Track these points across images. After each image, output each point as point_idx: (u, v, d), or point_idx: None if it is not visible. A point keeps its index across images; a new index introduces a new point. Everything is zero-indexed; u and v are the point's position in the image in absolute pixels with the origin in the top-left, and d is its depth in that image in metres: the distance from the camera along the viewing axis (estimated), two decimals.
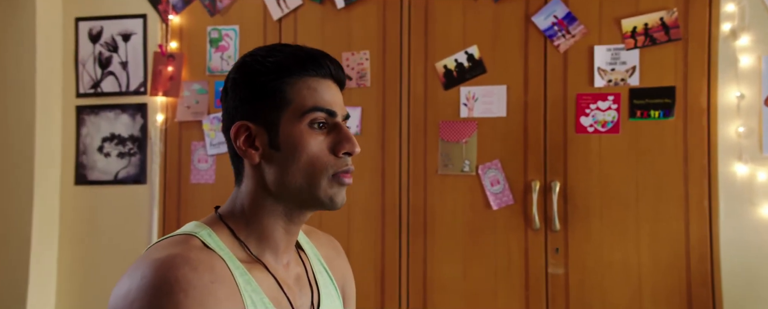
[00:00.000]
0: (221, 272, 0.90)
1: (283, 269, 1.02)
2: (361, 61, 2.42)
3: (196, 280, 0.85)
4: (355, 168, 2.27)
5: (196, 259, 0.88)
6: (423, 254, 2.32)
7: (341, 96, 1.03)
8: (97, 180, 2.63)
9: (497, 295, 2.26)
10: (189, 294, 0.83)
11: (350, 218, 2.39)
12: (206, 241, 0.94)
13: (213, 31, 2.56)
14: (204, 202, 2.51)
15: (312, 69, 0.98)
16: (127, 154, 2.60)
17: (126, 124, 2.62)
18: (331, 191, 0.97)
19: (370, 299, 2.35)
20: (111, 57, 2.66)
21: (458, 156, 2.31)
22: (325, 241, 1.20)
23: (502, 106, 2.30)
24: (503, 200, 2.27)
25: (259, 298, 0.94)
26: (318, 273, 1.11)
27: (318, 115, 0.97)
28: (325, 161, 0.96)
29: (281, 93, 0.97)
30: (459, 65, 2.34)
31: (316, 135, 0.97)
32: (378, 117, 2.39)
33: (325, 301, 1.08)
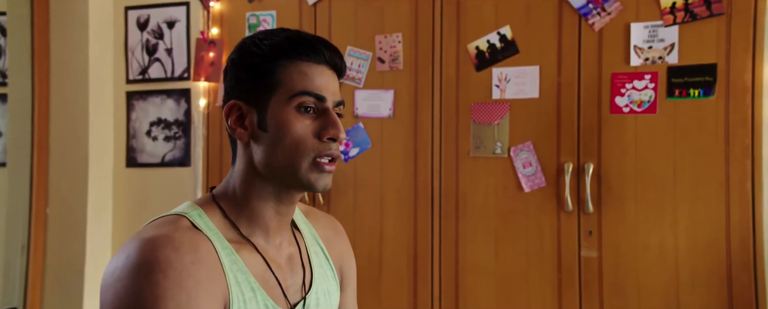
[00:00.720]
0: (205, 253, 0.92)
1: (274, 249, 1.05)
2: (393, 44, 2.42)
3: (177, 261, 0.88)
4: (389, 150, 2.30)
5: (180, 240, 0.91)
6: (455, 237, 2.33)
7: (336, 83, 1.05)
8: (145, 162, 2.75)
9: (529, 277, 2.25)
10: (168, 275, 0.86)
11: (383, 201, 2.42)
12: (195, 221, 0.97)
13: (251, 16, 2.62)
14: None
15: (306, 54, 1.00)
16: (173, 138, 2.71)
17: (171, 109, 2.72)
18: (312, 175, 0.99)
19: (403, 281, 2.38)
20: (157, 44, 2.76)
21: (490, 138, 2.30)
22: (325, 222, 1.22)
23: (534, 87, 2.26)
24: (535, 182, 2.25)
25: (244, 277, 0.97)
26: (314, 253, 1.13)
27: (306, 99, 0.99)
28: (308, 144, 0.98)
29: (273, 75, 0.99)
30: (491, 46, 2.32)
31: (303, 118, 0.99)
32: (410, 100, 2.40)
33: (319, 280, 1.11)
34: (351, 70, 2.46)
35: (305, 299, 1.07)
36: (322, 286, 1.12)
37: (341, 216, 2.45)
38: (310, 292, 1.08)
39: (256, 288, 0.98)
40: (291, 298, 1.04)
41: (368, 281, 2.42)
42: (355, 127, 2.46)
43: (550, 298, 2.22)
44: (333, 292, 1.14)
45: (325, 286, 1.13)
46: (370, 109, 2.44)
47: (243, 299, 0.95)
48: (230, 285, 0.94)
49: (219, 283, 0.93)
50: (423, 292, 2.36)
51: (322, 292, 1.11)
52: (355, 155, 2.46)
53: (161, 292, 0.85)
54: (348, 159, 2.46)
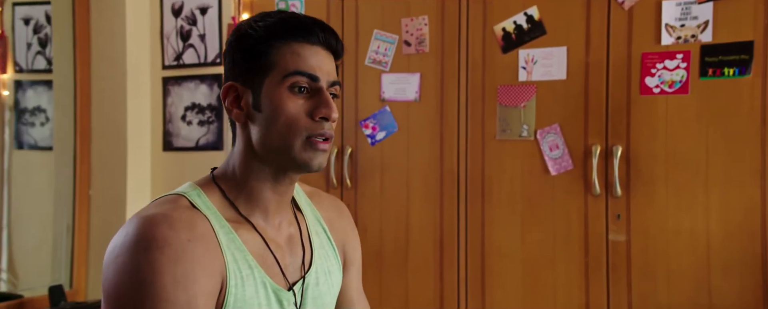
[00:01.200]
0: (202, 231, 0.95)
1: (273, 229, 1.07)
2: (419, 27, 2.41)
3: (173, 238, 0.91)
4: (414, 134, 2.29)
5: (177, 218, 0.94)
6: (481, 220, 2.32)
7: (332, 63, 1.05)
8: (181, 146, 2.83)
9: (556, 262, 2.22)
10: (164, 251, 0.89)
11: (409, 185, 2.42)
12: (194, 200, 1.00)
13: (281, 1, 2.64)
14: None
15: (299, 35, 1.01)
16: (207, 122, 2.77)
17: (204, 94, 2.78)
18: (306, 155, 1.00)
19: (429, 265, 2.39)
20: (191, 30, 2.82)
21: (516, 121, 2.27)
22: (328, 204, 1.23)
23: (562, 69, 2.22)
24: (562, 165, 2.21)
25: (241, 255, 0.99)
26: (316, 234, 1.15)
27: (299, 79, 1.00)
28: (301, 124, 0.99)
29: (267, 56, 1.00)
30: (518, 27, 2.28)
31: (296, 98, 1.00)
32: (436, 83, 2.39)
33: (319, 261, 1.13)
34: (377, 54, 2.47)
35: (304, 278, 1.08)
36: (323, 266, 1.13)
37: (368, 200, 2.48)
38: (310, 271, 1.10)
39: (253, 265, 1.00)
40: (290, 277, 1.06)
41: (395, 265, 2.44)
42: (381, 110, 2.46)
43: (577, 283, 2.19)
44: (334, 271, 1.16)
45: (327, 266, 1.14)
46: (397, 93, 2.44)
47: (240, 276, 0.98)
48: (227, 262, 0.97)
49: (216, 260, 0.95)
50: (449, 276, 2.36)
51: (322, 271, 1.12)
52: (382, 139, 2.46)
53: (158, 268, 0.88)
54: (374, 143, 2.47)
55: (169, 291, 0.88)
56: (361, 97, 2.50)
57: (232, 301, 0.96)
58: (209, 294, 0.93)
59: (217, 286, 0.95)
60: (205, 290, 0.92)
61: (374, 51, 2.47)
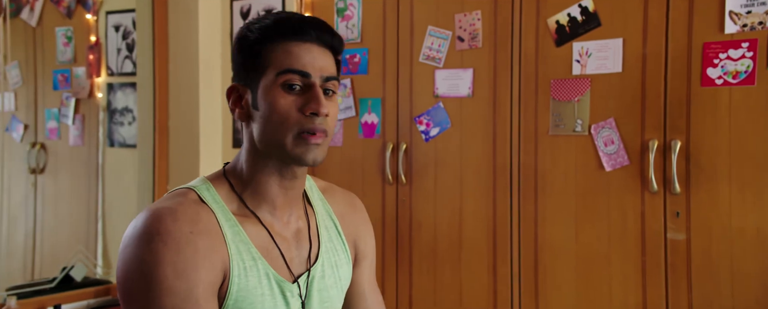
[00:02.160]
0: (206, 224, 1.01)
1: (281, 223, 1.11)
2: (472, 22, 2.39)
3: (176, 231, 0.97)
4: (467, 129, 2.28)
5: (182, 211, 1.00)
6: (534, 216, 2.28)
7: (326, 59, 1.08)
8: None
9: (611, 259, 2.16)
10: (167, 243, 0.96)
11: (462, 180, 2.42)
12: (202, 194, 1.06)
13: (339, 1, 2.70)
14: (334, 164, 2.70)
15: (292, 33, 1.05)
16: None
17: None
18: (299, 149, 1.04)
19: (483, 261, 2.38)
20: None
21: (570, 115, 2.21)
22: (341, 199, 1.27)
23: (617, 61, 2.14)
24: (618, 161, 2.14)
25: (245, 247, 1.04)
26: (325, 228, 1.19)
27: (291, 77, 1.03)
28: (292, 120, 1.03)
29: (262, 56, 1.05)
30: (572, 19, 2.22)
31: (288, 95, 1.04)
32: (489, 78, 2.37)
33: (327, 254, 1.16)
34: (431, 50, 2.47)
35: (310, 271, 1.12)
36: (331, 260, 1.17)
37: (422, 196, 2.49)
38: (316, 265, 1.13)
39: (257, 257, 1.05)
40: (295, 270, 1.11)
41: (449, 261, 2.44)
42: (435, 106, 2.47)
43: (634, 282, 2.11)
44: (343, 265, 1.19)
45: (334, 260, 1.18)
46: (450, 89, 2.44)
47: (243, 267, 1.03)
48: (231, 254, 1.02)
49: (219, 252, 1.01)
50: (502, 273, 2.34)
51: (329, 265, 1.16)
52: (436, 135, 2.47)
53: (160, 258, 0.95)
54: (429, 139, 2.48)
55: (170, 280, 0.94)
56: (416, 94, 2.51)
57: (235, 291, 1.01)
58: (210, 284, 0.98)
59: (219, 276, 1.00)
60: (206, 280, 0.97)
61: (428, 47, 2.48)
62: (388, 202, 2.57)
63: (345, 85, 2.66)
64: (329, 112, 1.06)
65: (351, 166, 2.66)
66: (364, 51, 2.63)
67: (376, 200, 2.60)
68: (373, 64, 2.61)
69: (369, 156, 2.62)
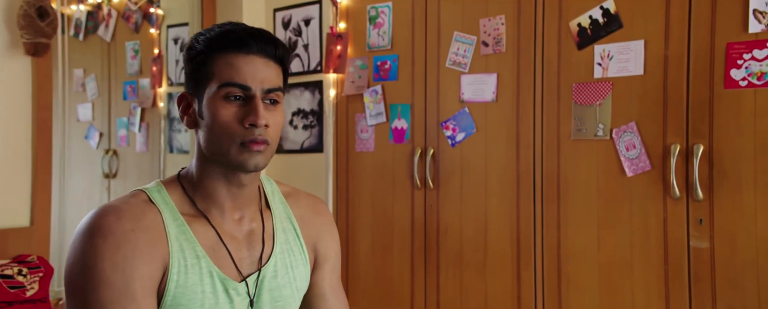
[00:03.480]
0: (148, 222, 1.07)
1: (232, 224, 1.16)
2: (496, 26, 2.39)
3: (116, 228, 1.03)
4: (491, 134, 2.28)
5: (126, 210, 1.06)
6: (557, 222, 2.26)
7: (270, 70, 1.11)
8: (290, 149, 3.05)
9: (633, 267, 2.10)
10: (107, 239, 1.02)
11: (487, 185, 2.42)
12: (152, 195, 1.12)
13: (371, 9, 2.76)
14: (366, 169, 2.76)
15: (235, 46, 1.09)
16: (310, 126, 2.97)
17: (308, 100, 2.98)
18: (241, 157, 1.08)
19: (507, 266, 2.37)
20: (297, 41, 3.03)
21: (592, 120, 2.18)
22: (305, 203, 1.30)
23: (639, 64, 2.09)
24: (639, 166, 2.08)
25: (190, 246, 1.09)
26: (283, 230, 1.23)
27: (231, 89, 1.08)
28: (233, 130, 1.07)
29: (207, 67, 1.10)
30: (594, 22, 2.18)
31: (230, 106, 1.08)
32: (513, 82, 2.36)
33: (281, 255, 1.20)
34: (457, 56, 2.49)
35: (260, 270, 1.16)
36: (285, 261, 1.20)
37: (449, 200, 2.51)
38: (267, 265, 1.17)
39: (201, 256, 1.10)
40: (245, 269, 1.15)
41: (474, 266, 2.45)
42: (460, 112, 2.48)
43: (656, 291, 2.05)
44: (298, 266, 1.22)
45: (289, 261, 1.21)
46: (475, 94, 2.44)
47: (184, 265, 1.08)
48: (172, 252, 1.07)
49: (159, 249, 1.06)
50: (526, 278, 2.32)
51: (282, 265, 1.20)
52: (462, 140, 2.48)
53: (99, 253, 1.01)
54: (454, 144, 2.50)
55: (108, 274, 1.01)
56: (442, 99, 2.53)
57: (173, 287, 1.07)
58: (147, 278, 1.04)
59: (158, 272, 1.06)
60: (144, 275, 1.03)
61: (454, 53, 2.50)
62: (417, 206, 2.60)
63: (376, 91, 2.71)
64: (270, 122, 1.09)
65: (382, 171, 2.71)
66: (394, 57, 2.68)
67: (406, 205, 2.63)
68: (402, 70, 2.66)
69: (399, 161, 2.66)
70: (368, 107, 2.74)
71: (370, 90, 2.73)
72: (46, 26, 2.54)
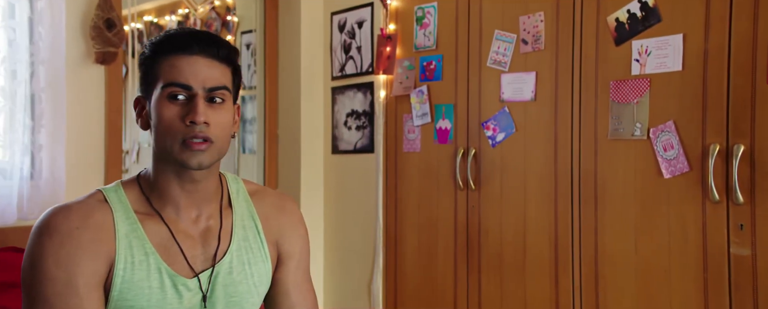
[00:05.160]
0: (96, 221, 1.13)
1: (187, 222, 1.20)
2: (535, 24, 2.34)
3: (63, 226, 1.10)
4: (530, 134, 2.26)
5: (75, 209, 1.13)
6: (594, 225, 2.17)
7: (214, 70, 1.15)
8: (344, 149, 3.12)
9: (671, 274, 1.99)
10: (53, 237, 1.10)
11: (526, 186, 2.37)
12: (108, 195, 1.18)
13: (418, 10, 2.77)
14: (413, 169, 2.77)
15: (177, 48, 1.14)
16: (362, 127, 3.02)
17: (360, 101, 3.03)
18: (183, 155, 1.12)
19: (545, 269, 2.31)
20: (351, 43, 3.09)
21: (629, 119, 2.08)
22: (270, 201, 1.33)
23: (677, 59, 1.98)
24: (677, 167, 1.97)
25: (139, 243, 1.15)
26: (243, 228, 1.26)
27: (173, 89, 1.13)
28: (175, 129, 1.12)
29: (153, 71, 1.16)
30: (631, 16, 2.09)
31: (173, 106, 1.13)
32: (551, 81, 2.30)
33: (238, 252, 1.23)
34: (498, 54, 2.45)
35: (214, 267, 1.20)
36: (242, 258, 1.24)
37: (490, 202, 2.47)
38: (222, 262, 1.21)
39: (150, 252, 1.15)
40: (198, 266, 1.19)
41: (513, 268, 2.40)
42: (501, 111, 2.44)
43: (695, 299, 1.93)
44: (257, 263, 1.25)
45: (247, 258, 1.24)
46: (515, 93, 2.40)
47: (131, 261, 1.14)
48: (118, 249, 1.13)
49: (105, 247, 1.12)
50: (564, 282, 2.25)
51: (239, 262, 1.23)
52: (502, 140, 2.44)
53: (44, 250, 1.09)
54: (495, 144, 2.46)
55: (52, 270, 1.09)
56: (484, 99, 2.50)
57: (119, 282, 1.13)
58: (92, 275, 1.11)
59: (102, 268, 1.12)
60: (87, 272, 1.10)
61: (495, 51, 2.46)
62: (460, 207, 2.59)
63: (422, 91, 2.72)
64: (211, 120, 1.13)
65: (428, 172, 2.71)
66: (439, 57, 2.67)
67: (449, 206, 2.63)
68: (446, 70, 2.65)
69: (442, 162, 2.65)
70: (414, 108, 2.75)
71: (417, 90, 2.74)
72: (113, 36, 2.74)
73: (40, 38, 2.55)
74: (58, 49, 2.59)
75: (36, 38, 2.56)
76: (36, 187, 2.61)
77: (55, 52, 2.59)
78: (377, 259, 2.91)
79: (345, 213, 3.12)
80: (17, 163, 2.52)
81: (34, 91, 2.55)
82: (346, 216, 3.12)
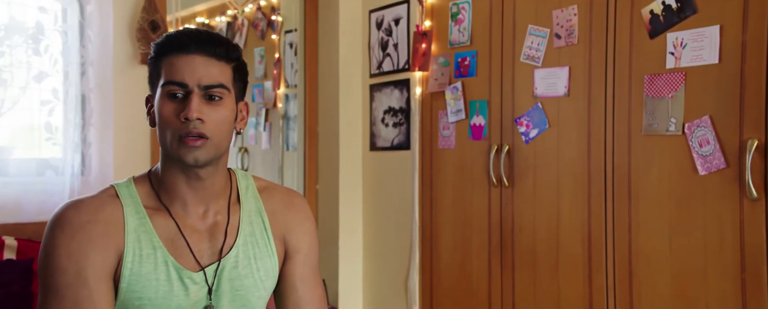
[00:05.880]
0: (106, 215, 1.18)
1: (196, 217, 1.24)
2: (569, 17, 2.29)
3: (74, 219, 1.16)
4: (563, 130, 2.24)
5: (87, 203, 1.19)
6: (628, 223, 2.12)
7: (211, 68, 1.18)
8: (381, 146, 3.13)
9: (708, 274, 1.92)
10: (64, 230, 1.15)
11: (559, 183, 2.32)
12: (120, 190, 1.23)
13: (453, 6, 2.75)
14: (448, 166, 2.76)
15: (176, 48, 1.18)
16: (399, 124, 3.02)
17: (397, 98, 3.03)
18: (180, 151, 1.16)
19: (579, 268, 2.26)
20: (388, 41, 3.10)
21: (663, 114, 2.02)
22: (279, 197, 1.36)
23: (714, 51, 1.90)
24: (713, 164, 1.90)
25: (148, 237, 1.19)
26: (249, 223, 1.29)
27: (171, 88, 1.17)
28: (172, 125, 1.16)
29: (156, 70, 1.21)
30: (666, 8, 2.02)
31: (171, 103, 1.17)
32: (584, 76, 2.25)
33: (244, 247, 1.27)
34: (531, 49, 2.41)
35: (220, 261, 1.24)
36: (248, 252, 1.27)
37: (523, 199, 2.44)
38: (228, 256, 1.24)
39: (158, 246, 1.19)
40: (204, 260, 1.23)
41: (547, 266, 2.36)
42: (534, 107, 2.40)
43: (733, 302, 1.86)
44: (263, 258, 1.28)
45: (253, 252, 1.27)
46: (548, 89, 2.36)
47: (139, 254, 1.18)
48: (127, 242, 1.18)
49: (113, 240, 1.17)
50: (598, 281, 2.20)
51: (244, 256, 1.26)
52: (535, 136, 2.40)
53: (57, 243, 1.15)
54: (528, 140, 2.43)
55: (63, 262, 1.14)
56: (517, 95, 2.47)
57: (127, 275, 1.17)
58: (101, 267, 1.15)
59: (111, 261, 1.17)
60: (96, 263, 1.15)
61: (528, 46, 2.42)
62: (493, 204, 2.56)
63: (456, 87, 2.70)
64: (207, 117, 1.16)
65: (462, 169, 2.70)
66: (473, 53, 2.65)
67: (483, 203, 2.60)
68: (481, 66, 2.62)
69: (476, 158, 2.63)
70: (449, 104, 2.73)
71: (451, 87, 2.72)
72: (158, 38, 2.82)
73: (90, 41, 2.66)
74: (106, 51, 2.70)
75: (86, 41, 2.66)
76: (86, 183, 2.72)
77: (104, 53, 2.69)
78: (413, 256, 2.91)
79: (382, 210, 3.13)
80: (68, 159, 2.64)
81: (83, 92, 2.67)
82: (383, 213, 3.13)
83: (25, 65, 2.52)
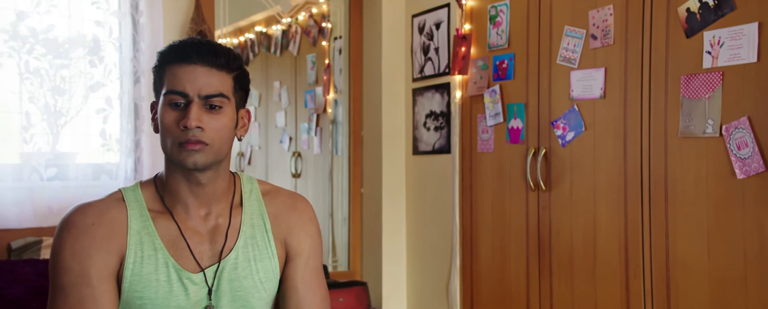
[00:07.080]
0: (112, 218, 1.23)
1: (197, 220, 1.28)
2: (605, 18, 2.24)
3: (80, 222, 1.21)
4: (599, 133, 2.29)
5: (93, 206, 1.24)
6: (665, 228, 2.05)
7: (211, 79, 1.22)
8: (423, 150, 3.14)
9: (747, 282, 1.84)
10: (70, 232, 1.21)
11: (596, 186, 2.27)
12: (126, 194, 1.28)
13: (491, 8, 2.73)
14: (487, 169, 2.74)
15: (178, 58, 1.22)
16: (440, 128, 3.02)
17: (438, 102, 3.04)
18: (180, 156, 1.21)
19: (615, 273, 2.20)
20: (429, 45, 3.10)
21: (700, 115, 1.95)
22: (282, 201, 1.39)
23: (752, 50, 1.83)
24: (752, 167, 1.82)
25: (149, 239, 1.24)
26: (251, 226, 1.32)
27: (172, 97, 1.22)
28: (173, 133, 1.21)
29: (160, 79, 1.26)
30: (703, 5, 1.95)
31: (172, 112, 1.21)
32: (620, 77, 2.19)
33: (244, 249, 1.30)
34: (567, 51, 2.37)
35: (220, 263, 1.27)
36: (248, 254, 1.30)
37: (560, 203, 2.40)
38: (228, 258, 1.28)
39: (159, 248, 1.24)
40: (205, 261, 1.27)
41: (584, 271, 2.32)
42: (570, 110, 2.36)
43: None
44: (263, 260, 1.31)
45: (253, 254, 1.30)
46: (584, 91, 2.31)
47: (141, 255, 1.23)
48: (129, 244, 1.23)
49: (117, 241, 1.22)
50: (635, 287, 2.14)
51: (244, 258, 1.29)
52: (571, 139, 2.36)
53: (63, 244, 1.21)
54: (565, 143, 2.39)
55: (68, 261, 1.20)
56: (554, 97, 2.43)
57: (129, 275, 1.22)
58: (103, 267, 1.20)
59: (114, 261, 1.22)
60: (99, 264, 1.20)
61: (565, 48, 2.39)
62: (531, 208, 2.53)
63: (495, 91, 2.68)
64: (207, 125, 1.20)
65: (500, 173, 2.67)
66: (510, 56, 2.63)
67: (521, 206, 2.57)
68: (518, 69, 2.60)
69: (514, 162, 2.60)
70: (488, 108, 2.72)
71: (490, 90, 2.71)
72: None
73: (141, 51, 2.78)
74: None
75: (138, 52, 2.79)
76: None
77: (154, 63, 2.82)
78: (454, 260, 2.90)
79: (425, 213, 3.14)
80: (122, 164, 2.77)
81: (135, 100, 2.79)
82: (425, 216, 3.13)
83: (84, 76, 2.67)
